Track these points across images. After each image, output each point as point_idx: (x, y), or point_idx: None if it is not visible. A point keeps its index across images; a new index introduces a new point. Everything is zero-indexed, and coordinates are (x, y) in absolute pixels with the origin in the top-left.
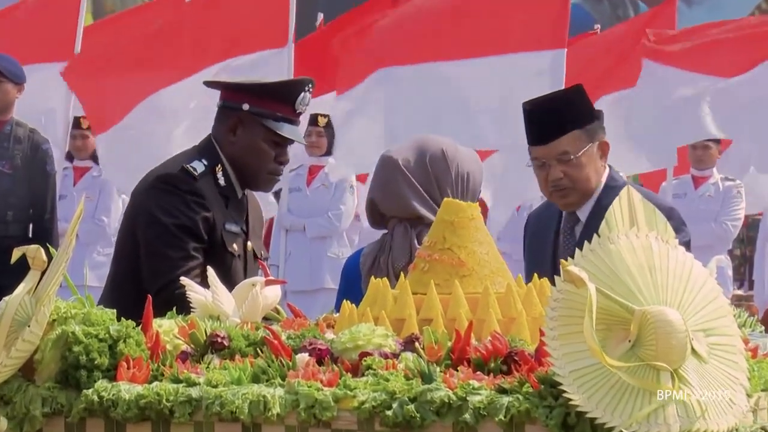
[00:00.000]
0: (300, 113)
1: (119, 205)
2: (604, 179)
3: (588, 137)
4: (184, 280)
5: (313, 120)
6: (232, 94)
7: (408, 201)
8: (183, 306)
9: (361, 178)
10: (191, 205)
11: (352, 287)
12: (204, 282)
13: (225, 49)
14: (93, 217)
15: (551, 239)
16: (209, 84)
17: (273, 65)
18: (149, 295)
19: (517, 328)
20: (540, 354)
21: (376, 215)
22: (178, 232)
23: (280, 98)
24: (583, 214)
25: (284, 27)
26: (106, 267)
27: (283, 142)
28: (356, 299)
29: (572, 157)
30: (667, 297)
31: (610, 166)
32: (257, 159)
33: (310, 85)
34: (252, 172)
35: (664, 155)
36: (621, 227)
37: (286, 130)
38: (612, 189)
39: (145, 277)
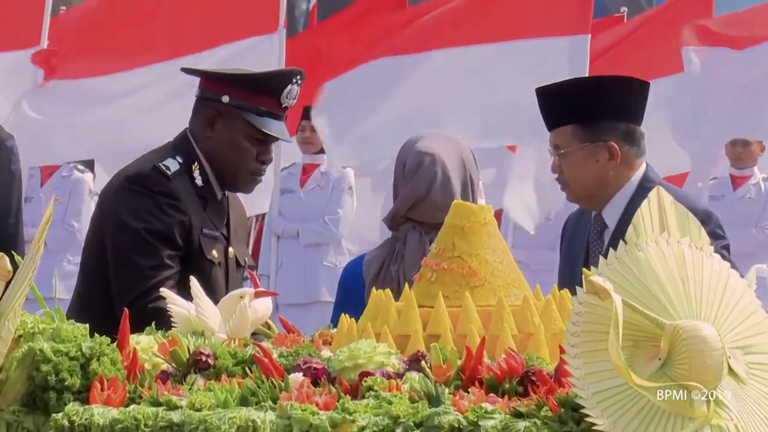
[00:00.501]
0: (286, 108)
1: (92, 208)
2: (637, 179)
3: (588, 135)
4: (163, 291)
5: (308, 113)
6: (211, 84)
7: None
8: (158, 321)
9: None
10: (164, 207)
11: (351, 298)
12: (182, 293)
13: (207, 37)
14: (62, 222)
15: (584, 246)
16: (187, 71)
17: (262, 53)
18: (125, 309)
19: (535, 345)
20: (560, 373)
21: (399, 217)
22: (150, 238)
23: (265, 90)
24: (611, 218)
25: (274, 10)
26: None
27: (266, 140)
28: (356, 312)
29: (560, 150)
30: (701, 310)
31: (648, 165)
32: (237, 157)
33: (298, 77)
34: (231, 172)
35: (703, 153)
36: (650, 233)
37: (269, 126)
38: (645, 190)
39: (114, 289)
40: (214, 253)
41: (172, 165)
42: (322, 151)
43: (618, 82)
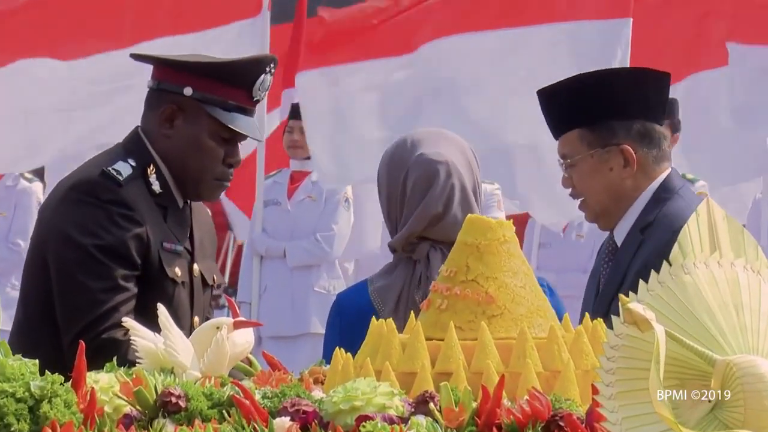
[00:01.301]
0: (257, 101)
1: None
2: (653, 188)
3: (597, 140)
4: (124, 320)
5: (295, 111)
6: (169, 73)
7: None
8: (114, 354)
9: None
10: (116, 219)
11: (356, 333)
12: (140, 321)
13: (177, 20)
14: (6, 240)
15: (597, 273)
16: (138, 57)
17: (243, 41)
18: (79, 340)
19: (563, 384)
20: (592, 418)
21: (413, 237)
22: (100, 256)
23: (233, 81)
24: (620, 236)
25: None
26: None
27: (234, 138)
28: (357, 348)
29: (568, 160)
30: (758, 344)
31: (673, 170)
32: (201, 159)
33: (272, 65)
34: (193, 177)
35: (752, 162)
36: (699, 252)
37: (238, 122)
38: (658, 202)
39: (60, 318)
40: (177, 270)
41: (124, 169)
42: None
43: (626, 74)
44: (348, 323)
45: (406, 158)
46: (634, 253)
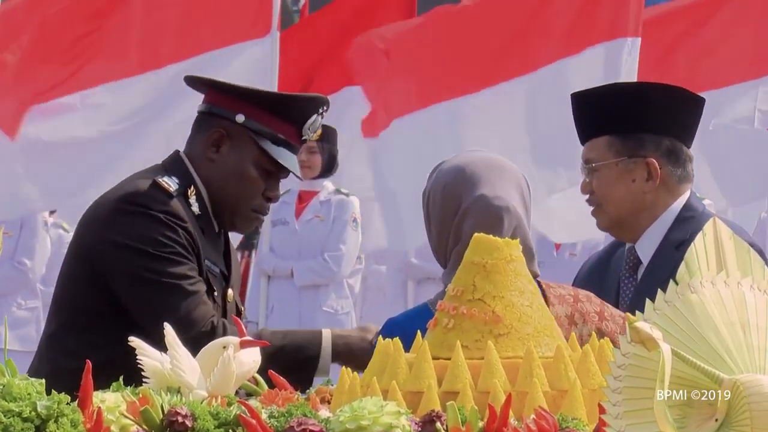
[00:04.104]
0: (305, 140)
1: (47, 243)
2: (677, 208)
3: (625, 149)
4: (132, 339)
5: None
6: (223, 97)
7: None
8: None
9: None
10: (173, 226)
11: None
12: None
13: (189, 42)
14: (12, 260)
15: (615, 284)
16: (192, 80)
17: (251, 60)
18: (88, 361)
19: (570, 404)
20: None
21: None
22: (166, 255)
23: (286, 116)
24: (645, 252)
25: (266, 11)
26: (29, 325)
27: (277, 173)
28: None
29: (593, 165)
30: (765, 363)
31: (693, 192)
32: (242, 188)
33: (324, 107)
34: (231, 204)
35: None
36: (705, 271)
37: (285, 157)
38: (685, 221)
39: (149, 326)
40: (215, 293)
41: (172, 183)
42: (321, 175)
43: (664, 91)
44: None
45: (462, 194)
46: (673, 269)
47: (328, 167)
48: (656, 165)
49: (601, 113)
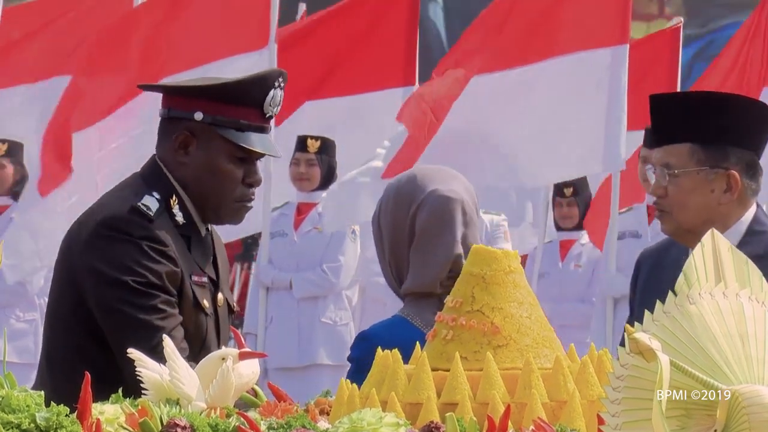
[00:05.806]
0: (270, 117)
1: None
2: (747, 220)
3: (708, 159)
4: (131, 351)
5: (302, 144)
6: (178, 99)
7: None
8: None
9: None
10: (151, 254)
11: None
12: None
13: (187, 54)
14: None
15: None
16: (146, 87)
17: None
18: (86, 372)
19: (569, 415)
20: None
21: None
22: (142, 289)
23: (243, 100)
24: None
25: (264, 23)
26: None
27: (251, 158)
28: None
29: (673, 171)
30: (763, 374)
31: (758, 205)
32: (219, 183)
33: (280, 79)
34: (214, 201)
35: None
36: (704, 283)
37: (253, 141)
38: (757, 235)
39: (117, 354)
40: (205, 302)
41: (152, 204)
42: (319, 188)
43: (752, 105)
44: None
45: (414, 193)
46: None
47: (327, 179)
48: (737, 178)
49: (684, 120)
